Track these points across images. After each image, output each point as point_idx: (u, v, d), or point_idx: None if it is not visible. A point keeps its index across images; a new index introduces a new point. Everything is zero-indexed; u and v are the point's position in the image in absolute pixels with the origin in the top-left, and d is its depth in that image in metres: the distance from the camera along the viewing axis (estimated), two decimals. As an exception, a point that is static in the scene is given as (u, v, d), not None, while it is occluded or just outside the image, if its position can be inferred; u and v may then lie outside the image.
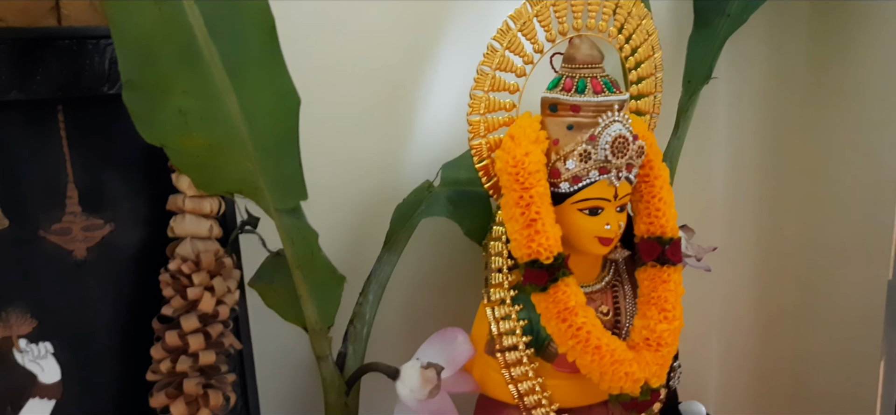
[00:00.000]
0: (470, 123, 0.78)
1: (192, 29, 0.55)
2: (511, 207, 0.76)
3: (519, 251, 0.76)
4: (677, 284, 0.82)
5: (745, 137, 1.21)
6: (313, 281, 0.75)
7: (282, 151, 0.64)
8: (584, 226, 0.78)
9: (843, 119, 1.14)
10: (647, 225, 0.83)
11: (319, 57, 0.89)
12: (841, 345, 1.19)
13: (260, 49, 0.58)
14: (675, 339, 0.81)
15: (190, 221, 0.73)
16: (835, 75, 1.14)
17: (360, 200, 0.94)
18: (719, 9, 1.02)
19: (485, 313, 0.81)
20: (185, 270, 0.71)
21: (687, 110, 1.03)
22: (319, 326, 0.78)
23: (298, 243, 0.71)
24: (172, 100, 0.58)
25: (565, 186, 0.77)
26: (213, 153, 0.63)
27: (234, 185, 0.67)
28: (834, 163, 1.16)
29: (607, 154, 0.75)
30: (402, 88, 0.97)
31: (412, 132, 0.98)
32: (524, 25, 0.77)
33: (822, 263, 1.20)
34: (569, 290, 0.76)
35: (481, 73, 0.77)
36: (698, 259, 0.98)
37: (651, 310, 0.81)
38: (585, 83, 0.77)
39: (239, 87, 0.59)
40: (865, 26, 1.09)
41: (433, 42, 0.97)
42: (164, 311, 0.73)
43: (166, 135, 0.60)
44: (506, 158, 0.76)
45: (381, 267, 0.87)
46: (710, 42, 1.02)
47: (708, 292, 1.21)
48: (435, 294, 1.01)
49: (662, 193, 0.83)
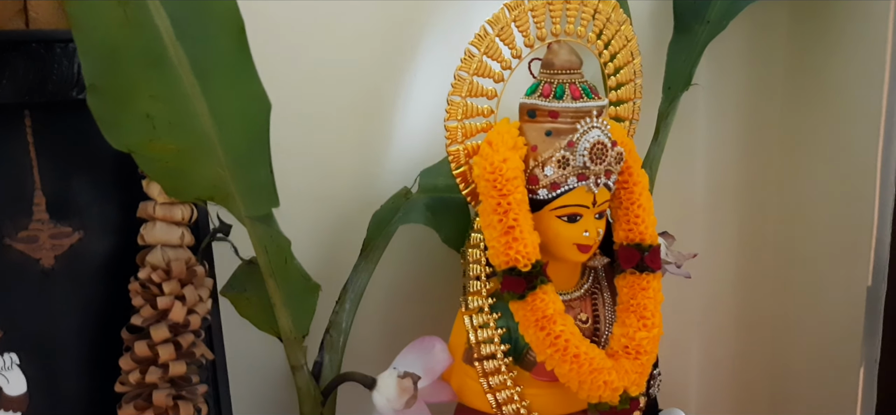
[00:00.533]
0: (447, 128, 0.78)
1: (159, 31, 0.54)
2: (489, 213, 0.76)
3: (496, 259, 0.76)
4: (657, 292, 0.81)
5: (726, 144, 1.21)
6: (287, 290, 0.73)
7: (253, 157, 0.63)
8: (563, 233, 0.77)
9: (823, 125, 1.14)
10: (627, 232, 0.82)
11: (296, 61, 0.88)
12: (821, 351, 1.18)
13: (229, 52, 0.57)
14: (655, 347, 0.81)
15: (160, 228, 0.72)
16: (814, 82, 1.14)
17: (337, 206, 0.93)
18: (699, 15, 1.02)
19: (463, 321, 0.80)
20: (155, 279, 0.70)
21: (667, 117, 1.03)
22: (294, 335, 0.77)
23: (271, 251, 0.70)
24: (139, 104, 0.57)
25: (543, 192, 0.76)
26: (183, 159, 0.61)
27: (205, 191, 0.65)
28: (813, 169, 1.16)
29: (586, 160, 0.75)
30: (379, 94, 0.95)
31: (390, 138, 0.97)
32: (502, 30, 0.76)
33: (802, 269, 1.20)
34: (547, 298, 0.75)
35: (458, 79, 0.77)
36: (678, 266, 0.97)
37: (630, 317, 0.80)
38: (564, 89, 0.76)
39: (208, 90, 0.58)
40: (845, 33, 1.09)
41: (412, 46, 0.96)
42: (133, 320, 0.71)
43: (134, 140, 0.59)
44: (483, 164, 0.76)
45: (357, 275, 0.86)
46: (689, 48, 1.01)
47: (688, 299, 1.20)
48: (412, 302, 1.00)
49: (642, 199, 0.82)
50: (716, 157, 1.20)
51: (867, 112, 1.06)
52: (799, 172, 1.18)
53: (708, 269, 1.20)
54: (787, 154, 1.20)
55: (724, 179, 1.22)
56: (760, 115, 1.20)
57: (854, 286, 1.11)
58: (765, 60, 1.18)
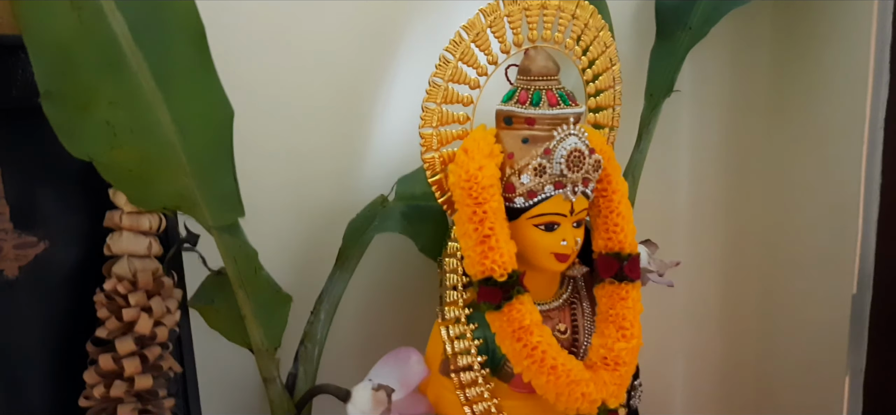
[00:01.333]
0: (422, 135, 0.76)
1: (116, 35, 0.53)
2: (464, 222, 0.74)
3: (472, 268, 0.74)
4: (636, 302, 0.80)
5: (709, 151, 1.20)
6: (258, 301, 0.72)
7: (217, 166, 0.61)
8: (540, 242, 0.76)
9: (807, 132, 1.13)
10: (605, 241, 0.81)
11: (269, 65, 0.87)
12: (806, 360, 1.18)
13: (189, 57, 0.56)
14: (634, 357, 0.79)
15: (127, 238, 0.70)
16: (798, 88, 1.14)
17: (312, 214, 0.92)
18: (680, 21, 1.01)
19: (439, 331, 0.79)
20: (120, 290, 0.68)
21: (649, 123, 1.02)
22: (266, 347, 0.75)
23: (241, 262, 0.68)
24: (98, 111, 0.55)
25: (520, 200, 0.75)
26: (146, 167, 0.60)
27: (170, 200, 0.64)
28: (797, 176, 1.16)
29: (563, 168, 0.73)
30: (356, 99, 0.94)
31: (367, 145, 0.95)
32: (477, 36, 0.75)
33: (787, 277, 1.19)
34: (524, 308, 0.74)
35: (433, 85, 0.75)
36: (661, 274, 0.96)
37: (609, 328, 0.79)
38: (540, 95, 0.75)
39: (169, 97, 0.57)
40: (828, 39, 1.08)
41: (390, 50, 0.95)
42: (98, 333, 0.69)
43: (93, 148, 0.57)
44: (459, 172, 0.74)
45: (332, 285, 0.85)
46: (671, 55, 1.01)
47: (671, 308, 1.20)
48: (389, 312, 0.98)
49: (621, 208, 0.81)
50: (699, 164, 1.20)
51: (851, 118, 1.06)
52: (783, 180, 1.18)
53: (691, 277, 1.19)
54: (770, 161, 1.19)
55: (708, 186, 1.22)
56: (744, 121, 1.20)
57: (839, 295, 1.11)
58: (748, 67, 1.18)
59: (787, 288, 1.20)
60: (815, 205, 1.13)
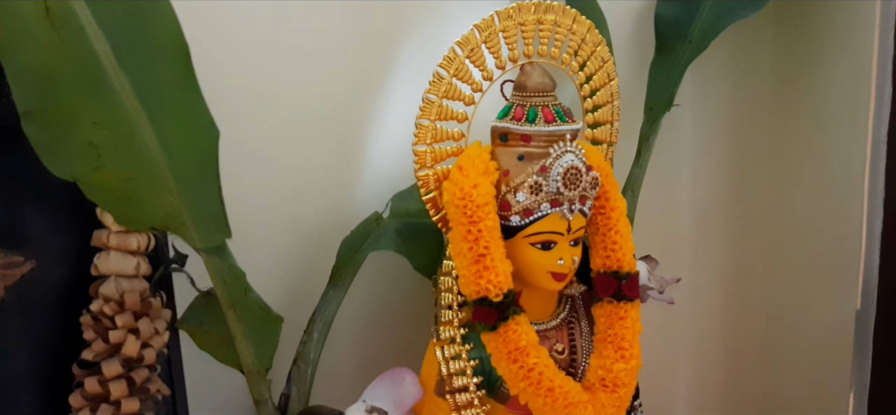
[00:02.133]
0: (416, 153, 0.75)
1: (98, 56, 0.52)
2: (459, 241, 0.73)
3: (467, 288, 0.73)
4: (635, 321, 0.79)
5: (710, 165, 1.19)
6: (248, 321, 0.71)
7: (203, 187, 0.60)
8: (537, 261, 0.75)
9: (809, 146, 1.12)
10: (604, 259, 0.80)
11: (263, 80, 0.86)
12: (810, 376, 1.16)
13: (174, 78, 0.55)
14: (633, 379, 0.78)
15: (115, 258, 0.69)
16: (800, 101, 1.13)
17: (305, 231, 0.91)
18: (680, 34, 1.01)
19: (434, 352, 0.77)
20: (107, 312, 0.67)
21: (649, 138, 1.02)
22: (257, 368, 0.74)
23: (230, 282, 0.67)
24: (81, 132, 0.54)
25: (516, 219, 0.74)
26: (133, 187, 0.59)
27: (158, 220, 0.63)
28: (800, 191, 1.14)
29: (559, 186, 0.72)
30: (351, 114, 0.93)
31: (361, 160, 0.94)
32: (472, 52, 0.74)
33: (790, 293, 1.18)
34: (520, 329, 0.73)
35: (427, 102, 0.74)
36: (661, 291, 0.96)
37: (607, 348, 0.78)
38: (536, 112, 0.74)
39: (154, 118, 0.56)
40: (831, 51, 1.07)
41: (384, 64, 0.94)
42: (84, 355, 0.68)
43: (77, 168, 0.56)
44: (453, 189, 0.73)
45: (326, 304, 0.84)
46: (671, 68, 1.01)
47: (673, 325, 1.18)
48: (383, 332, 0.97)
49: (619, 225, 0.80)
50: (700, 178, 1.19)
51: (854, 132, 1.05)
52: (786, 194, 1.17)
53: (693, 294, 1.18)
54: (773, 176, 1.18)
55: (709, 201, 1.20)
56: (746, 135, 1.19)
57: (843, 310, 1.09)
58: (749, 80, 1.17)
59: (790, 303, 1.18)
60: (819, 219, 1.12)
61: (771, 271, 1.20)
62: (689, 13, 1.02)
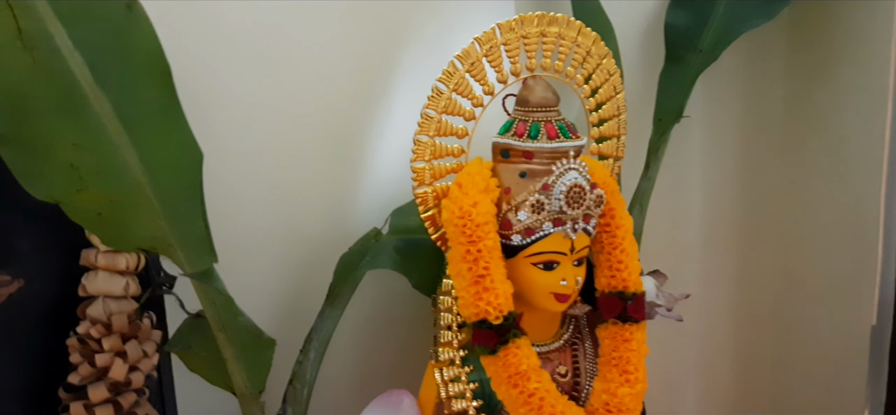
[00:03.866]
0: (414, 170, 0.73)
1: (75, 76, 0.50)
2: (458, 261, 0.71)
3: (466, 310, 0.71)
4: (640, 344, 0.76)
5: (721, 178, 1.17)
6: (239, 344, 0.69)
7: (187, 211, 0.58)
8: (539, 281, 0.72)
9: (823, 158, 1.10)
10: (609, 279, 0.77)
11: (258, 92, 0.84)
12: (824, 394, 1.14)
13: (155, 98, 0.53)
14: (638, 404, 0.76)
15: (103, 278, 0.68)
16: (814, 112, 1.11)
17: (302, 248, 0.88)
18: (691, 44, 1.00)
19: (433, 374, 0.75)
20: (93, 334, 0.65)
21: (658, 149, 1.00)
22: (249, 391, 0.72)
23: (220, 305, 0.65)
24: (60, 154, 0.53)
25: (517, 238, 0.72)
26: (117, 209, 0.57)
27: (145, 242, 0.61)
28: (814, 204, 1.13)
29: (562, 204, 0.70)
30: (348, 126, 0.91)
31: (359, 174, 0.92)
32: (473, 66, 0.72)
33: (804, 309, 1.16)
34: (520, 352, 0.71)
35: (426, 118, 0.72)
36: (669, 309, 0.93)
37: (612, 372, 0.76)
38: (539, 128, 0.72)
39: (136, 139, 0.54)
40: (845, 62, 1.05)
41: (384, 74, 0.92)
42: (70, 378, 0.67)
43: (58, 191, 0.55)
44: (452, 208, 0.71)
45: (323, 322, 0.82)
46: (681, 79, 0.99)
47: (683, 342, 1.16)
48: (381, 352, 0.95)
49: (624, 244, 0.77)
50: (710, 191, 1.17)
51: (870, 144, 1.03)
52: (799, 207, 1.15)
53: (703, 310, 1.16)
54: (785, 188, 1.16)
55: (720, 214, 1.18)
56: (757, 147, 1.17)
57: (858, 326, 1.08)
58: (761, 91, 1.15)
59: (803, 319, 1.17)
60: (833, 233, 1.10)
61: (783, 287, 1.19)
62: (699, 22, 1.00)
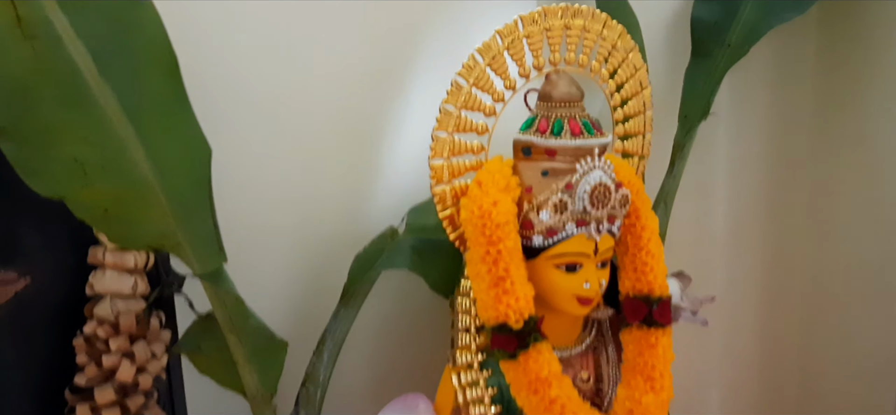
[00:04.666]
0: (432, 167, 0.72)
1: (78, 68, 0.48)
2: (477, 262, 0.69)
3: (485, 313, 0.69)
4: (666, 349, 0.75)
5: (748, 177, 1.14)
6: (251, 346, 0.68)
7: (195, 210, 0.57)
8: (561, 284, 0.71)
9: (855, 156, 1.08)
10: (633, 281, 0.75)
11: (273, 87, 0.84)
12: (853, 397, 1.12)
13: (162, 91, 0.51)
14: (664, 411, 0.74)
15: (111, 277, 0.66)
16: (845, 109, 1.08)
17: (316, 246, 0.88)
18: (719, 38, 0.98)
19: (450, 378, 0.73)
20: (100, 335, 0.64)
21: (683, 148, 0.98)
22: (260, 393, 0.71)
23: (231, 306, 0.63)
24: (65, 148, 0.51)
25: (539, 239, 0.70)
26: (123, 206, 0.56)
27: (153, 240, 0.60)
28: (844, 203, 1.10)
29: (586, 204, 0.68)
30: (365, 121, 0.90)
31: (376, 171, 0.91)
32: (494, 59, 0.70)
33: (832, 310, 1.13)
34: (541, 358, 0.69)
35: (445, 113, 0.71)
36: (694, 312, 0.92)
37: (636, 378, 0.74)
38: (562, 124, 0.71)
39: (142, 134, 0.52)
40: (876, 59, 1.03)
41: (402, 68, 0.91)
42: (76, 380, 0.65)
43: (63, 187, 0.53)
44: (471, 207, 0.70)
45: (337, 323, 0.81)
46: (708, 74, 0.97)
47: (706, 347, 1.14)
48: (396, 355, 0.94)
49: (650, 245, 0.75)
50: (737, 191, 1.15)
51: (904, 144, 1.00)
52: (828, 207, 1.13)
53: (728, 314, 1.14)
54: (815, 188, 1.14)
55: (746, 215, 1.16)
56: (786, 146, 1.15)
57: (889, 327, 1.05)
58: (790, 87, 1.13)
59: (832, 322, 1.14)
60: (864, 233, 1.08)
61: (812, 293, 1.16)
62: (728, 15, 0.98)
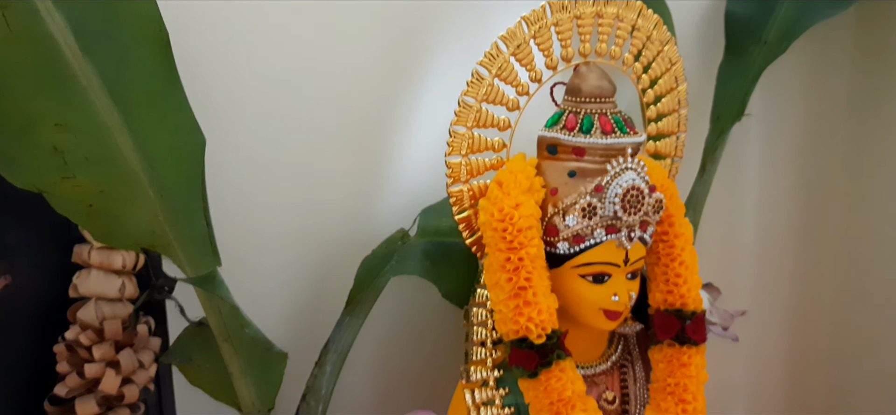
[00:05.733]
0: (449, 165, 0.68)
1: (57, 42, 0.44)
2: (496, 270, 0.66)
3: (504, 326, 0.66)
4: (700, 370, 0.71)
5: (781, 183, 1.13)
6: (247, 357, 0.64)
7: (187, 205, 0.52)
8: (587, 296, 0.67)
9: (891, 162, 1.05)
10: (665, 294, 0.71)
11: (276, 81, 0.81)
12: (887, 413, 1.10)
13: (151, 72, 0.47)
14: (695, 436, 0.69)
15: (96, 278, 0.62)
16: (883, 113, 1.06)
17: (320, 251, 0.86)
18: (755, 35, 0.96)
19: (463, 395, 0.70)
20: (83, 342, 0.59)
21: (715, 151, 0.96)
22: (256, 408, 0.67)
23: (226, 314, 0.58)
24: (42, 135, 0.47)
25: (564, 246, 0.66)
26: (109, 200, 0.52)
27: (142, 238, 0.56)
28: (880, 211, 1.07)
29: (617, 209, 0.64)
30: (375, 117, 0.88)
31: (386, 169, 0.88)
32: (519, 49, 0.66)
33: (868, 329, 1.10)
34: (564, 376, 0.65)
35: (464, 106, 0.67)
36: (725, 328, 0.92)
37: (667, 400, 0.70)
38: (592, 121, 0.67)
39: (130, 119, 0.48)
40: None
41: (415, 60, 0.88)
42: (57, 390, 0.61)
43: (40, 178, 0.49)
44: (491, 209, 0.66)
45: (341, 333, 0.78)
46: (743, 73, 0.95)
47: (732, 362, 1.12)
48: (405, 368, 0.91)
49: (683, 255, 0.71)
50: (769, 198, 1.13)
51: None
52: (864, 215, 1.10)
53: (758, 328, 1.12)
54: (850, 194, 1.11)
55: (779, 223, 1.14)
56: (821, 151, 1.12)
57: None
58: (826, 88, 1.10)
59: (865, 344, 1.11)
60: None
61: (845, 307, 1.13)
62: (764, 11, 0.97)
